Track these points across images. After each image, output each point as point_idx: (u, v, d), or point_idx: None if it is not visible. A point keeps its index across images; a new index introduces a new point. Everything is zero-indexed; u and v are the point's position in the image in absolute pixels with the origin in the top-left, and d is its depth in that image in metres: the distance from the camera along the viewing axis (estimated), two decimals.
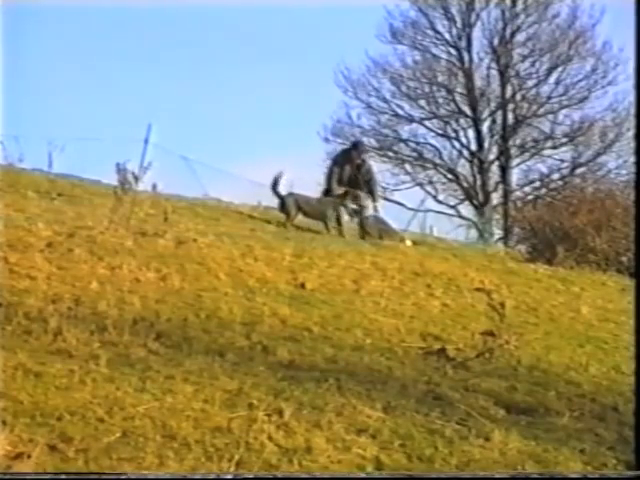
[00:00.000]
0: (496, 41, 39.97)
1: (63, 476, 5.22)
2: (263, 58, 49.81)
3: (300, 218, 18.92)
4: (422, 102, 40.75)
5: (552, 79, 39.97)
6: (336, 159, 20.44)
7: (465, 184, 40.27)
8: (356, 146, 20.84)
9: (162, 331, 8.15)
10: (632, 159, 38.24)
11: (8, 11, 12.71)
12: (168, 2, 38.37)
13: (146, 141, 18.79)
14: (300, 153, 46.19)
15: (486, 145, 40.44)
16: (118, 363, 7.11)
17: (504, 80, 40.09)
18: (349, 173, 19.36)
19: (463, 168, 40.59)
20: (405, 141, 40.86)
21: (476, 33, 40.13)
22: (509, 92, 40.20)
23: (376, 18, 40.20)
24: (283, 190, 19.12)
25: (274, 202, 19.04)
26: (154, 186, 14.76)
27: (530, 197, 38.77)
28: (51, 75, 47.57)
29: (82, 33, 48.74)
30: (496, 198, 39.93)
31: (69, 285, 9.50)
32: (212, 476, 5.39)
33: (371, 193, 19.42)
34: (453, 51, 40.38)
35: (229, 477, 5.39)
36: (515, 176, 40.48)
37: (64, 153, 20.64)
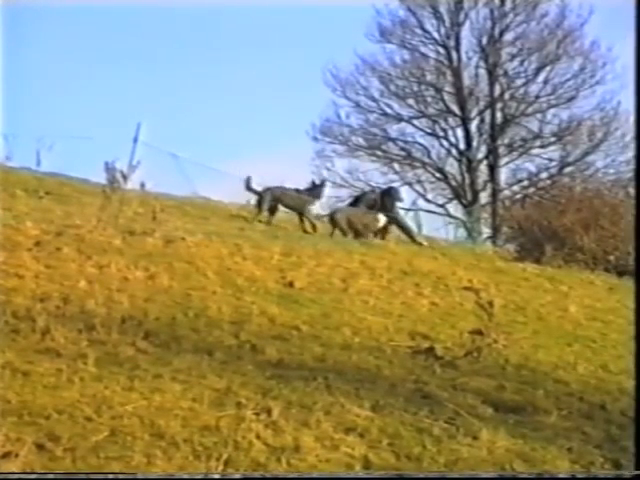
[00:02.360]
0: (485, 40, 40.00)
1: (51, 476, 5.21)
2: (252, 57, 49.75)
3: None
4: (411, 101, 40.75)
5: (540, 78, 40.03)
6: (363, 200, 20.33)
7: (453, 183, 40.29)
8: (389, 193, 20.67)
9: (150, 330, 8.14)
10: (620, 158, 38.34)
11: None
12: (159, 2, 38.31)
13: (135, 140, 18.73)
14: (289, 152, 46.16)
15: (474, 144, 40.46)
16: (106, 362, 7.11)
17: (492, 79, 40.11)
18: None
19: (451, 167, 40.62)
20: (394, 140, 40.85)
21: (465, 32, 40.18)
22: (497, 91, 40.23)
23: (365, 17, 40.25)
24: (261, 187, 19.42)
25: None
26: (142, 185, 14.77)
27: (518, 196, 38.84)
28: (39, 73, 47.46)
29: (72, 32, 48.62)
30: (484, 197, 39.95)
31: (57, 284, 9.49)
32: (200, 476, 5.39)
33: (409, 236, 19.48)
34: (442, 50, 40.39)
35: (217, 477, 5.39)
36: (503, 175, 40.53)
37: (52, 151, 20.65)
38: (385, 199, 19.87)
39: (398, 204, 20.40)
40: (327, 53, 43.26)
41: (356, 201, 20.70)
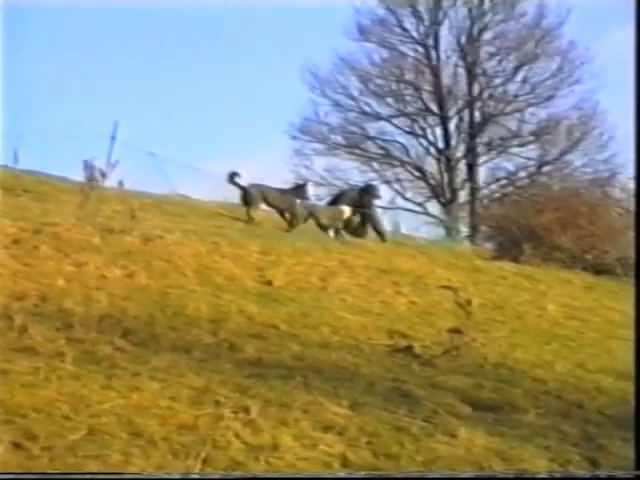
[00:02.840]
0: (463, 39, 40.07)
1: (28, 475, 5.18)
2: (231, 56, 49.66)
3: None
4: (390, 100, 40.78)
5: (519, 77, 40.11)
6: (343, 198, 20.31)
7: (432, 182, 40.33)
8: (367, 190, 20.72)
9: (128, 328, 8.12)
10: (598, 157, 38.45)
11: None
12: (139, 2, 38.17)
13: (113, 138, 18.68)
14: (267, 150, 46.13)
15: (453, 143, 40.52)
16: (84, 360, 7.08)
17: (471, 78, 40.18)
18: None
19: (430, 166, 40.65)
20: (373, 138, 40.86)
21: (443, 31, 40.20)
22: (476, 90, 40.31)
23: (344, 16, 40.20)
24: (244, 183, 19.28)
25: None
26: (121, 183, 14.75)
27: (497, 195, 38.91)
28: (17, 70, 47.22)
29: (53, 31, 48.40)
30: (463, 196, 40.02)
31: (35, 282, 9.45)
32: (179, 475, 5.37)
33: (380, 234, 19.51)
34: (421, 49, 40.43)
35: (196, 476, 5.38)
36: (482, 174, 40.59)
37: (30, 149, 20.56)
38: (363, 196, 19.94)
39: (376, 201, 20.50)
40: (306, 52, 43.14)
41: (336, 199, 20.75)
